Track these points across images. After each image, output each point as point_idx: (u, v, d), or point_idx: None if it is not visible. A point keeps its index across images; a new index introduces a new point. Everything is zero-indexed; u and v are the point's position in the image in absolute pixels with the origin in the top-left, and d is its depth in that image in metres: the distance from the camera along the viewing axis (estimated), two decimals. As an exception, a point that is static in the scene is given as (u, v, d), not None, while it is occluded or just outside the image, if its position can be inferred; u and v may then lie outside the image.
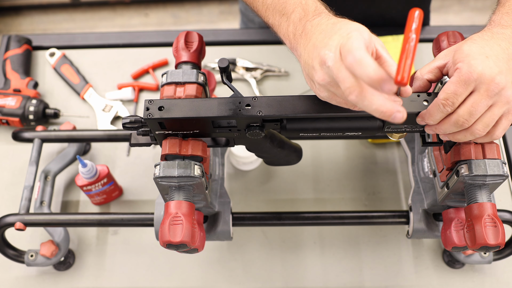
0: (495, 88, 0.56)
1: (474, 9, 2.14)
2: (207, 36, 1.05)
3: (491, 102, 0.57)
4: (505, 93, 0.56)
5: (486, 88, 0.56)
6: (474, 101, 0.57)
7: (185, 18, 2.29)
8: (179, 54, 0.72)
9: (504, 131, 0.59)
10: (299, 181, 0.93)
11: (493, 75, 0.55)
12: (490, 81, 0.55)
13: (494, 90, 0.56)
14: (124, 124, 0.67)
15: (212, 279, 0.86)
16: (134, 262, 0.87)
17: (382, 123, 0.65)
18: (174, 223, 0.62)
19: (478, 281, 0.84)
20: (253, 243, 0.88)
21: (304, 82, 1.03)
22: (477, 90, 0.56)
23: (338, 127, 0.65)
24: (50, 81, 1.05)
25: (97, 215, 0.79)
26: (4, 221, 0.78)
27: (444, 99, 0.58)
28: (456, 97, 0.57)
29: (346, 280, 0.85)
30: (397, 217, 0.79)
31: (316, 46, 0.55)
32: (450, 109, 0.58)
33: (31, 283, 0.86)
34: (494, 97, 0.56)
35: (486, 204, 0.63)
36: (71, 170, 0.95)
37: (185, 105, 0.63)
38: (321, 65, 0.54)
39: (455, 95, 0.57)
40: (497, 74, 0.56)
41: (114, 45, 1.09)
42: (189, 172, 0.63)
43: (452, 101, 0.57)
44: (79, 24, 2.29)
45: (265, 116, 0.62)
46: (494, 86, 0.56)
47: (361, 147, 0.96)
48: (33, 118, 0.96)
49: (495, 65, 0.56)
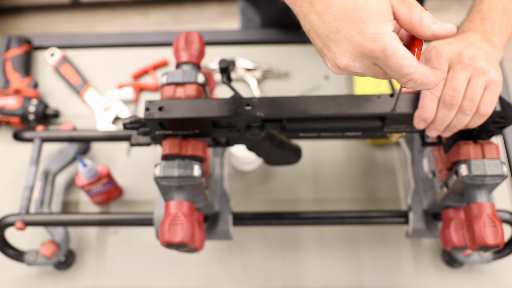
0: (465, 59, 0.58)
1: (473, 9, 2.13)
2: (207, 36, 1.05)
3: (468, 74, 0.59)
4: (476, 63, 0.58)
5: (457, 61, 0.59)
6: (451, 75, 0.59)
7: (185, 18, 2.29)
8: (179, 54, 0.73)
9: (490, 105, 0.60)
10: (299, 181, 0.93)
11: (460, 49, 0.59)
12: (459, 54, 0.59)
13: (465, 61, 0.58)
14: (124, 124, 0.67)
15: (212, 279, 0.86)
16: (134, 262, 0.87)
17: (382, 123, 0.65)
18: (174, 223, 0.62)
19: (477, 281, 0.84)
20: (253, 243, 0.88)
21: (304, 82, 1.03)
22: (451, 67, 0.59)
23: (337, 127, 0.66)
24: (50, 81, 1.05)
25: (97, 215, 0.79)
26: (5, 221, 0.78)
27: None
28: None
29: (346, 280, 0.85)
30: (396, 217, 0.79)
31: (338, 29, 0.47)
32: (437, 93, 0.60)
33: (32, 283, 0.86)
34: (468, 68, 0.58)
35: (485, 204, 0.63)
36: (71, 170, 0.95)
37: (185, 105, 0.63)
38: (340, 68, 0.49)
39: None
40: (463, 48, 0.59)
41: (114, 45, 1.09)
42: (189, 172, 0.63)
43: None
44: (79, 24, 2.29)
45: (265, 116, 0.62)
46: (464, 58, 0.58)
47: (361, 147, 0.96)
48: (33, 118, 0.96)
49: (460, 45, 0.60)
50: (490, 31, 0.63)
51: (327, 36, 0.48)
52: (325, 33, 0.48)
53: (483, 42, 0.62)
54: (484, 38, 0.63)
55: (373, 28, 0.45)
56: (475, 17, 0.65)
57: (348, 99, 0.62)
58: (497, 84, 0.59)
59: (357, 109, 0.62)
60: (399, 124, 0.65)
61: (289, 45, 1.07)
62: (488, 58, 0.60)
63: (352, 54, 0.47)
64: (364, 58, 0.47)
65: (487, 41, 0.62)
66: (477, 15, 0.65)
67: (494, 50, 0.62)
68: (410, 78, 0.46)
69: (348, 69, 0.48)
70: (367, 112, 0.62)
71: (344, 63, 0.47)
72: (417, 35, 0.47)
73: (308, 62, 1.05)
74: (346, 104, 0.62)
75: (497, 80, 0.58)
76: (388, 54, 0.45)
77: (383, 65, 0.46)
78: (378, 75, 0.49)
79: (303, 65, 1.05)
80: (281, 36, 1.08)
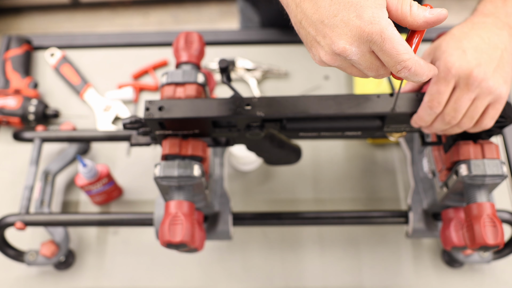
0: (474, 81, 0.56)
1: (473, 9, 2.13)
2: (207, 36, 1.05)
3: (474, 95, 0.57)
4: (485, 84, 0.56)
5: (466, 83, 0.57)
6: (456, 97, 0.58)
7: (185, 18, 2.29)
8: (179, 54, 0.73)
9: (492, 120, 0.60)
10: (299, 181, 0.93)
11: (470, 69, 0.56)
12: (468, 75, 0.56)
13: (474, 84, 0.56)
14: (124, 124, 0.67)
15: (212, 279, 0.86)
16: (134, 262, 0.87)
17: (382, 123, 0.65)
18: (174, 223, 0.62)
19: (477, 281, 0.84)
20: (253, 243, 0.88)
21: (304, 82, 1.03)
22: (458, 86, 0.57)
23: (337, 127, 0.66)
24: (50, 81, 1.05)
25: (97, 215, 0.79)
26: (5, 221, 0.78)
27: (429, 101, 0.59)
28: (440, 95, 0.58)
29: (346, 280, 0.85)
30: (396, 217, 0.79)
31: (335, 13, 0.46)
32: (437, 110, 0.59)
33: (32, 282, 0.86)
34: (476, 90, 0.57)
35: (485, 204, 0.63)
36: (71, 170, 0.95)
37: (185, 105, 0.63)
38: (335, 54, 0.48)
39: (439, 94, 0.58)
40: (474, 67, 0.56)
41: (114, 45, 1.09)
42: (189, 172, 0.63)
43: (437, 100, 0.58)
44: (79, 24, 2.29)
45: (265, 116, 0.62)
46: (472, 80, 0.56)
47: (361, 147, 0.96)
48: (33, 118, 0.96)
49: (473, 58, 0.57)
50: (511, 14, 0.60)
51: (322, 21, 0.47)
52: (320, 18, 0.47)
53: (503, 30, 0.59)
54: (505, 24, 0.59)
55: (370, 12, 0.45)
56: None
57: (348, 99, 0.62)
58: (503, 100, 0.58)
59: (357, 108, 0.62)
60: (399, 124, 0.65)
61: (289, 45, 1.07)
62: (503, 61, 0.57)
63: (349, 38, 0.46)
64: (361, 42, 0.46)
65: (507, 27, 0.59)
66: None
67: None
68: (405, 65, 0.45)
69: (344, 53, 0.46)
70: (367, 111, 0.62)
71: (341, 47, 0.46)
72: (409, 25, 0.47)
73: (308, 62, 1.05)
74: (346, 103, 0.62)
75: (503, 96, 0.57)
76: (385, 38, 0.45)
77: (379, 50, 0.46)
78: (372, 65, 0.48)
79: (303, 65, 1.05)
80: (281, 36, 1.08)
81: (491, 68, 0.57)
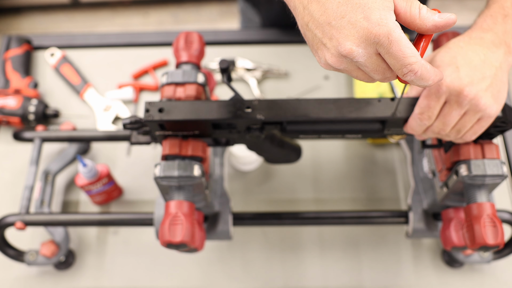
0: (464, 99, 0.56)
1: (473, 9, 2.14)
2: (207, 36, 1.05)
3: (463, 111, 0.58)
4: (475, 102, 0.56)
5: (456, 100, 0.57)
6: (446, 112, 0.59)
7: (185, 18, 2.29)
8: (179, 54, 0.73)
9: (475, 135, 0.61)
10: (299, 181, 0.93)
11: (462, 87, 0.56)
12: (459, 93, 0.56)
13: (464, 101, 0.57)
14: (124, 124, 0.67)
15: (212, 279, 0.86)
16: (134, 262, 0.87)
17: (382, 126, 0.65)
18: (174, 223, 0.62)
19: (477, 281, 0.84)
20: (253, 243, 0.88)
21: (304, 82, 1.03)
22: (448, 102, 0.58)
23: (338, 130, 0.66)
24: (50, 81, 1.05)
25: (97, 215, 0.79)
26: (5, 221, 0.78)
27: (420, 114, 0.60)
28: (431, 110, 0.59)
29: (346, 280, 0.85)
30: (396, 217, 0.79)
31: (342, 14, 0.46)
32: (427, 122, 0.60)
33: (32, 282, 0.86)
34: (466, 107, 0.57)
35: (485, 204, 0.63)
36: (71, 170, 0.95)
37: (185, 107, 0.63)
38: (341, 56, 0.48)
39: (429, 108, 0.59)
40: (466, 86, 0.56)
41: (114, 45, 1.09)
42: (189, 172, 0.63)
43: (427, 114, 0.59)
44: (79, 24, 2.29)
45: (265, 119, 0.62)
46: (463, 98, 0.56)
47: (361, 147, 0.96)
48: (33, 118, 0.96)
49: (466, 76, 0.56)
50: (510, 31, 0.60)
51: (329, 23, 0.47)
52: (327, 20, 0.47)
53: (500, 47, 0.59)
54: (502, 42, 0.59)
55: (378, 14, 0.45)
56: (497, 12, 0.61)
57: (348, 103, 0.62)
58: (490, 119, 0.58)
59: (357, 113, 0.62)
60: (399, 127, 0.65)
61: (289, 45, 1.07)
62: (497, 80, 0.57)
63: (356, 39, 0.46)
64: (368, 44, 0.46)
65: (504, 45, 0.59)
66: (500, 11, 0.61)
67: (509, 57, 0.59)
68: (411, 69, 0.45)
69: (351, 54, 0.46)
70: (367, 116, 0.62)
71: (348, 48, 0.46)
72: (418, 28, 0.47)
73: (308, 62, 1.05)
74: (347, 107, 0.62)
75: (492, 115, 0.58)
76: (392, 40, 0.45)
77: (386, 53, 0.45)
78: (378, 68, 0.47)
79: (303, 65, 1.05)
80: (281, 36, 1.08)
81: (483, 86, 0.56)
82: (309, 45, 0.51)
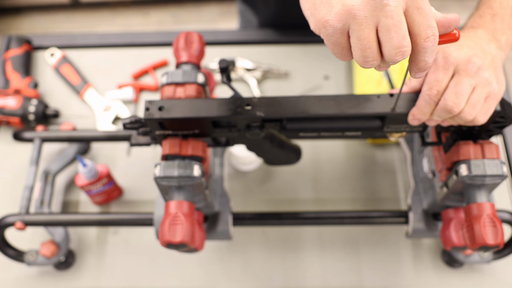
0: (472, 67, 0.57)
1: (472, 9, 2.14)
2: (207, 36, 1.05)
3: (474, 83, 0.57)
4: (482, 73, 0.57)
5: (464, 68, 0.58)
6: (456, 81, 0.58)
7: (185, 18, 2.29)
8: (179, 54, 0.73)
9: (486, 116, 0.59)
10: (299, 181, 0.93)
11: (468, 56, 0.58)
12: (467, 61, 0.57)
13: (472, 69, 0.57)
14: (124, 124, 0.67)
15: (212, 279, 0.86)
16: (134, 262, 0.87)
17: (382, 123, 0.65)
18: (174, 223, 0.62)
19: (477, 281, 0.84)
20: (253, 243, 0.88)
21: (304, 82, 1.03)
22: (457, 72, 0.58)
23: (337, 127, 0.66)
24: (50, 81, 1.05)
25: (97, 215, 0.79)
26: (5, 221, 0.78)
27: (428, 89, 0.59)
28: (439, 83, 0.58)
29: (346, 280, 0.85)
30: (396, 217, 0.79)
31: None
32: (436, 98, 0.59)
33: (31, 283, 0.86)
34: (475, 77, 0.57)
35: (485, 204, 0.63)
36: (71, 170, 0.95)
37: (185, 105, 0.63)
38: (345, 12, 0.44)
39: (437, 81, 0.59)
40: (472, 56, 0.58)
41: (114, 45, 1.10)
42: (189, 172, 0.63)
43: (436, 89, 0.59)
44: (79, 24, 2.29)
45: (265, 116, 0.62)
46: (471, 66, 0.57)
47: (361, 147, 0.96)
48: (33, 118, 0.96)
49: (469, 50, 0.59)
50: (499, 29, 0.62)
51: None
52: None
53: (491, 42, 0.61)
54: (493, 37, 0.62)
55: None
56: (485, 12, 0.64)
57: (348, 99, 0.62)
58: (497, 96, 0.58)
59: (357, 109, 0.62)
60: (399, 124, 0.65)
61: (289, 45, 1.07)
62: (494, 65, 0.59)
63: None
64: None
65: (495, 40, 0.61)
66: (488, 11, 0.63)
67: (500, 51, 0.61)
68: (434, 33, 0.44)
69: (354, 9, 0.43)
70: (367, 112, 0.62)
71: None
72: None
73: (308, 62, 1.05)
74: (346, 104, 0.62)
75: (497, 92, 0.58)
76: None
77: (416, 8, 0.43)
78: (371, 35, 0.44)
79: (303, 65, 1.05)
80: (281, 36, 1.08)
81: (486, 62, 0.58)
82: (307, 10, 0.48)
